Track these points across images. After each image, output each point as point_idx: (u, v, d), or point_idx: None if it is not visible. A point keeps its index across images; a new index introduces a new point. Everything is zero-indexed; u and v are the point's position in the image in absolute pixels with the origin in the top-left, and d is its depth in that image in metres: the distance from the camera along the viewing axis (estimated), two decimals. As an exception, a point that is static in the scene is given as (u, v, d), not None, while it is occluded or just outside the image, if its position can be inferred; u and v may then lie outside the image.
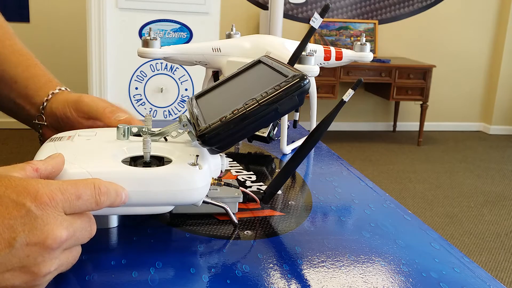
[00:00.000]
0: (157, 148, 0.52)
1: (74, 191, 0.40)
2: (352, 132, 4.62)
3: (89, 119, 0.67)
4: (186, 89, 2.47)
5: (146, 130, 0.54)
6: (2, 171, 0.41)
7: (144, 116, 0.56)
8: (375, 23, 4.47)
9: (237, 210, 0.57)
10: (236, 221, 0.55)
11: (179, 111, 2.48)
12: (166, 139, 0.55)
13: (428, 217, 2.85)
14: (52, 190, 0.39)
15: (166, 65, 2.41)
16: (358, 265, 0.48)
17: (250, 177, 0.70)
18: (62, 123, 0.68)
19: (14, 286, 0.38)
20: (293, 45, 0.83)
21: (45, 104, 0.70)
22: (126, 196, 0.45)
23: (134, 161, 0.51)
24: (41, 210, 0.38)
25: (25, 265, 0.37)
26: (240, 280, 0.44)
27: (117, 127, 0.54)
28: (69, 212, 0.40)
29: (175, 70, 2.43)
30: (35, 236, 0.37)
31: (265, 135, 0.80)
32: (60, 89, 0.71)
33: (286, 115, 0.64)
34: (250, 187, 0.66)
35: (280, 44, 0.82)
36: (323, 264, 0.48)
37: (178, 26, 2.39)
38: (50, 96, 0.70)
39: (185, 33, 2.41)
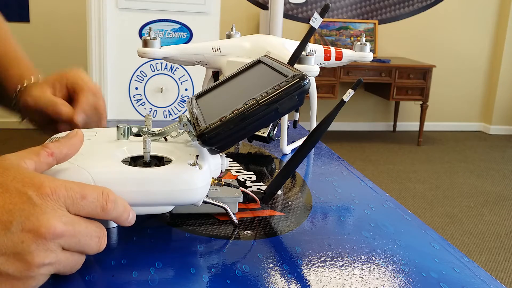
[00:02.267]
0: (157, 148, 0.52)
1: (80, 191, 0.41)
2: (352, 132, 4.62)
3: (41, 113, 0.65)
4: (186, 89, 2.47)
5: (146, 130, 0.54)
6: (16, 158, 0.42)
7: (144, 116, 0.57)
8: (375, 23, 4.47)
9: (237, 210, 0.57)
10: (236, 221, 0.55)
11: (179, 111, 2.48)
12: (166, 139, 0.55)
13: (428, 217, 2.85)
14: (56, 185, 0.40)
15: (166, 65, 2.41)
16: (358, 265, 0.48)
17: (250, 177, 0.70)
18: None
19: (8, 274, 0.37)
20: (293, 45, 0.83)
21: (17, 96, 0.70)
22: (133, 217, 0.45)
23: (134, 161, 0.51)
24: (41, 200, 0.38)
25: (18, 251, 0.37)
26: (240, 280, 0.44)
27: (117, 127, 0.54)
28: (73, 210, 0.40)
29: (175, 70, 2.43)
30: (31, 222, 0.37)
31: (265, 135, 0.80)
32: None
33: (286, 115, 0.65)
34: (250, 187, 0.66)
35: (280, 44, 0.82)
36: (323, 264, 0.48)
37: (178, 26, 2.39)
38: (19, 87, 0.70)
39: (185, 33, 2.41)
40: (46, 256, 0.38)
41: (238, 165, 0.75)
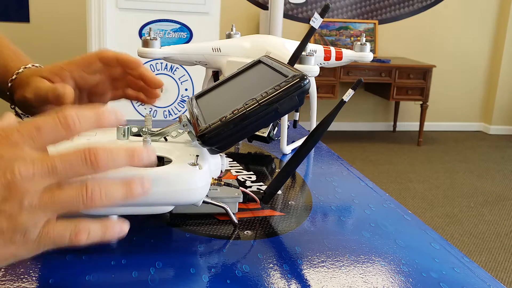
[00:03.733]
0: (157, 148, 0.52)
1: (32, 125, 0.38)
2: (352, 132, 4.62)
3: (42, 104, 0.63)
4: (186, 89, 2.47)
5: (146, 130, 0.54)
6: None
7: (144, 116, 0.57)
8: (375, 23, 4.47)
9: (237, 210, 0.57)
10: (236, 221, 0.55)
11: (179, 111, 2.48)
12: (166, 139, 0.55)
13: (428, 217, 2.85)
14: (7, 131, 0.37)
15: (166, 65, 2.41)
16: (358, 265, 0.48)
17: (250, 177, 0.70)
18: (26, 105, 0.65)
19: (0, 230, 0.36)
20: (293, 45, 0.83)
21: (13, 79, 0.67)
22: (117, 113, 0.41)
23: (134, 161, 0.50)
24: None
25: None
26: (240, 280, 0.44)
27: (117, 127, 0.54)
28: (38, 146, 0.38)
29: (175, 70, 2.43)
30: None
31: (265, 135, 0.80)
32: (25, 67, 0.68)
33: (286, 115, 0.64)
34: (250, 187, 0.66)
35: (280, 44, 0.82)
36: (323, 264, 0.48)
37: (178, 26, 2.39)
38: (15, 76, 0.67)
39: (185, 33, 2.41)
40: (24, 198, 0.36)
41: (238, 165, 0.75)
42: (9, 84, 0.68)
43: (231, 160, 0.77)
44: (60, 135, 0.38)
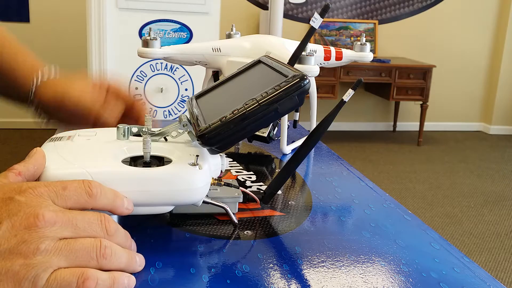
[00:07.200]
0: (157, 148, 0.52)
1: (60, 184, 0.42)
2: (352, 132, 4.62)
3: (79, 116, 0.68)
4: (186, 89, 2.47)
5: (146, 130, 0.54)
6: None
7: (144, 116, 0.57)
8: (375, 23, 4.47)
9: (237, 210, 0.57)
10: (236, 221, 0.55)
11: (179, 111, 2.48)
12: (166, 139, 0.55)
13: (428, 217, 2.85)
14: (35, 184, 0.41)
15: (166, 65, 2.41)
16: (358, 265, 0.48)
17: (250, 177, 0.70)
18: (58, 113, 0.70)
19: (13, 272, 0.37)
20: (293, 45, 0.83)
21: (33, 90, 0.72)
22: (130, 204, 0.45)
23: (134, 161, 0.51)
24: (25, 197, 0.40)
25: (13, 246, 0.38)
26: (240, 280, 0.44)
27: (117, 127, 0.54)
28: (59, 203, 0.41)
29: (175, 70, 2.43)
30: (19, 217, 0.38)
31: (265, 135, 0.80)
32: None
33: (286, 115, 0.64)
34: (250, 187, 0.66)
35: (280, 44, 0.82)
36: (323, 264, 0.48)
37: (178, 26, 2.39)
38: (35, 82, 0.72)
39: (185, 33, 2.41)
40: (41, 242, 0.38)
41: (238, 165, 0.75)
42: (33, 86, 0.72)
43: (231, 160, 0.77)
44: (82, 199, 0.42)
